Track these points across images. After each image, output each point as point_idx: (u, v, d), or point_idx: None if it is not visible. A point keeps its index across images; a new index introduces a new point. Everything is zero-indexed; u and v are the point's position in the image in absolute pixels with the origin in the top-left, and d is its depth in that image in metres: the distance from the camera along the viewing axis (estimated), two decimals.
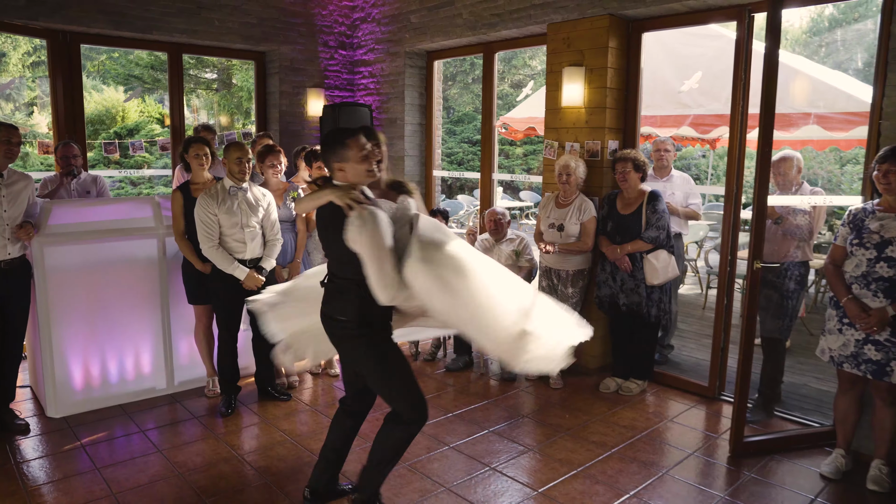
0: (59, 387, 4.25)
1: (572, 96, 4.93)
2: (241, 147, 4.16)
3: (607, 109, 4.84)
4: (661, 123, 6.56)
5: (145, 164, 13.98)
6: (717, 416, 4.39)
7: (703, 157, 13.62)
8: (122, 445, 3.89)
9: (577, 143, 5.00)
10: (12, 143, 3.80)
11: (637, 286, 4.56)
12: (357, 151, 2.80)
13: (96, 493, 3.34)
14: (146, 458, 3.71)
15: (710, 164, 13.29)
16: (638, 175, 4.54)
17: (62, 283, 4.20)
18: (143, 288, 4.52)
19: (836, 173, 13.13)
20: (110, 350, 4.44)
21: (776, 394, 4.37)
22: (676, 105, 6.35)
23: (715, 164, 13.50)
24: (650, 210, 4.50)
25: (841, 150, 11.47)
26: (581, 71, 4.88)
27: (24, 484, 3.42)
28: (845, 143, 7.62)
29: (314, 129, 6.93)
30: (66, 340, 4.26)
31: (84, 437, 3.99)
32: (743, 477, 3.57)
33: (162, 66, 16.01)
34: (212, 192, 4.12)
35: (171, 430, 4.11)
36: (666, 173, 5.18)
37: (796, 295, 4.11)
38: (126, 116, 16.06)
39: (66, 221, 4.25)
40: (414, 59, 6.61)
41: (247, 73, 16.31)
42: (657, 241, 4.47)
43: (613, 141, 4.91)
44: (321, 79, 7.01)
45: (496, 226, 5.01)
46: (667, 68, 6.30)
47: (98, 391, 4.42)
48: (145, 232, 4.49)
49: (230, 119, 16.80)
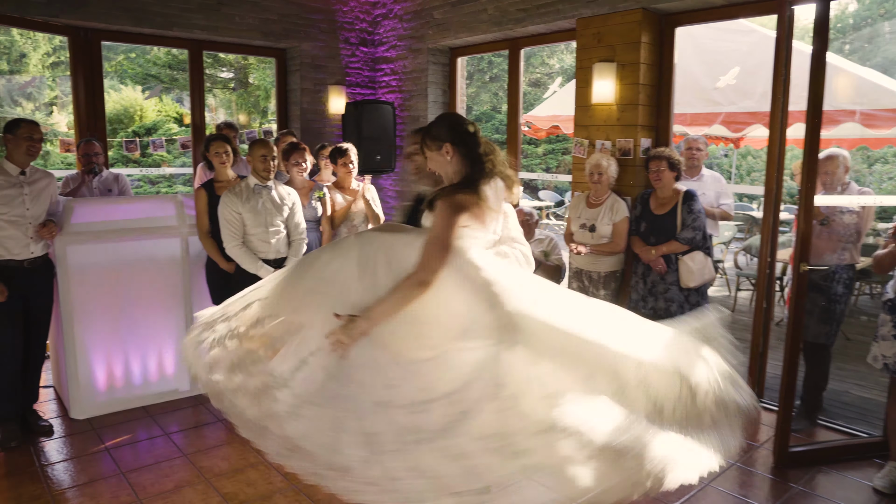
0: (83, 388, 4.18)
1: (603, 93, 4.80)
2: (266, 144, 4.06)
3: (639, 106, 4.70)
4: (692, 122, 6.41)
5: (164, 163, 13.97)
6: (756, 425, 4.24)
7: (725, 157, 13.43)
8: (147, 449, 3.81)
9: (608, 141, 4.87)
10: (34, 139, 3.72)
11: (668, 289, 4.42)
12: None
13: (122, 498, 3.25)
14: (171, 463, 3.63)
15: (734, 163, 13.08)
16: (672, 174, 4.41)
17: (85, 282, 4.12)
18: (165, 288, 4.43)
19: (864, 172, 12.90)
20: (133, 350, 4.37)
21: (819, 401, 4.22)
22: (707, 103, 6.19)
23: (738, 163, 13.33)
24: (686, 210, 4.36)
25: (870, 150, 11.24)
26: (612, 67, 4.75)
27: (50, 487, 3.35)
28: (875, 141, 7.44)
29: (336, 127, 6.83)
30: (89, 340, 4.19)
31: (108, 439, 3.91)
32: (791, 490, 3.43)
33: (179, 66, 16.02)
34: (236, 189, 4.03)
35: (195, 433, 4.03)
36: (696, 173, 5.04)
37: (844, 299, 3.96)
38: (144, 115, 16.09)
39: (88, 220, 4.17)
40: (437, 55, 6.50)
41: (263, 71, 16.29)
42: (693, 243, 4.33)
43: (646, 139, 4.77)
44: (342, 76, 6.91)
45: (524, 226, 4.88)
46: (696, 65, 6.15)
47: (121, 392, 4.34)
48: (168, 231, 4.41)
49: (248, 118, 16.78)
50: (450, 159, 2.31)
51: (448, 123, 2.37)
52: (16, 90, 15.41)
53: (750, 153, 14.47)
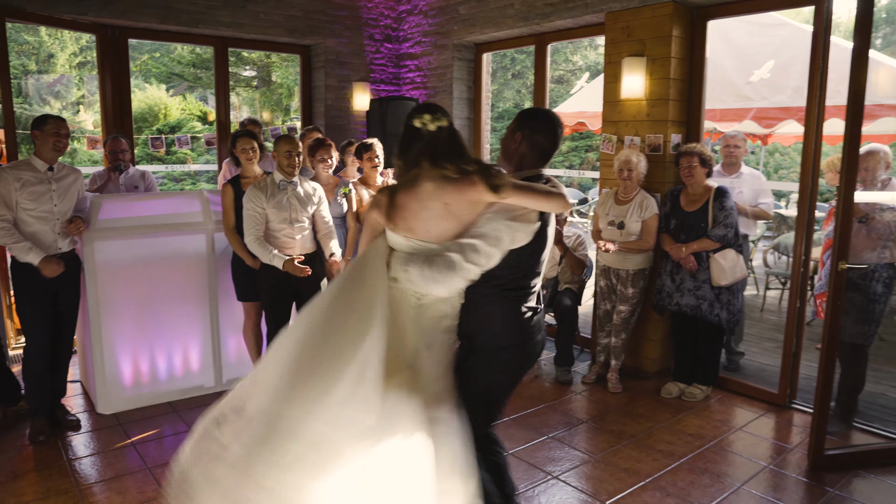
0: (110, 383, 4.19)
1: (633, 88, 4.71)
2: (292, 140, 4.04)
3: (670, 101, 4.61)
4: (722, 117, 6.28)
5: (188, 160, 14.08)
6: (788, 426, 4.15)
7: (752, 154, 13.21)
8: (172, 445, 3.80)
9: (637, 137, 4.78)
10: (61, 135, 3.73)
11: (698, 287, 4.33)
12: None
13: (148, 493, 3.25)
14: None
15: (762, 160, 12.86)
16: (704, 170, 4.32)
17: (111, 277, 4.13)
18: (191, 284, 4.43)
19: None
20: (159, 346, 4.37)
21: (854, 403, 4.11)
22: (738, 98, 6.07)
23: (766, 160, 13.09)
24: (717, 207, 4.27)
25: None
26: (642, 61, 4.66)
27: (77, 482, 3.35)
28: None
29: (360, 124, 6.81)
30: (115, 336, 4.20)
31: (134, 434, 3.92)
32: (827, 494, 3.33)
33: (203, 64, 16.13)
34: (261, 185, 4.01)
35: None
36: (735, 170, 4.93)
37: (883, 299, 3.84)
38: (168, 114, 16.23)
39: (115, 216, 4.18)
40: (462, 51, 6.44)
41: (286, 69, 16.35)
42: (725, 240, 4.24)
43: (676, 135, 4.68)
44: (367, 73, 6.89)
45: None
46: (727, 60, 6.03)
47: (147, 388, 4.35)
48: (194, 227, 4.41)
49: (271, 116, 16.85)
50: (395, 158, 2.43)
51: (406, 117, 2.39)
52: (44, 89, 15.62)
53: (778, 150, 14.23)
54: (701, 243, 4.27)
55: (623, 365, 4.83)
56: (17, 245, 3.62)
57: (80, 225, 3.84)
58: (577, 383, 4.81)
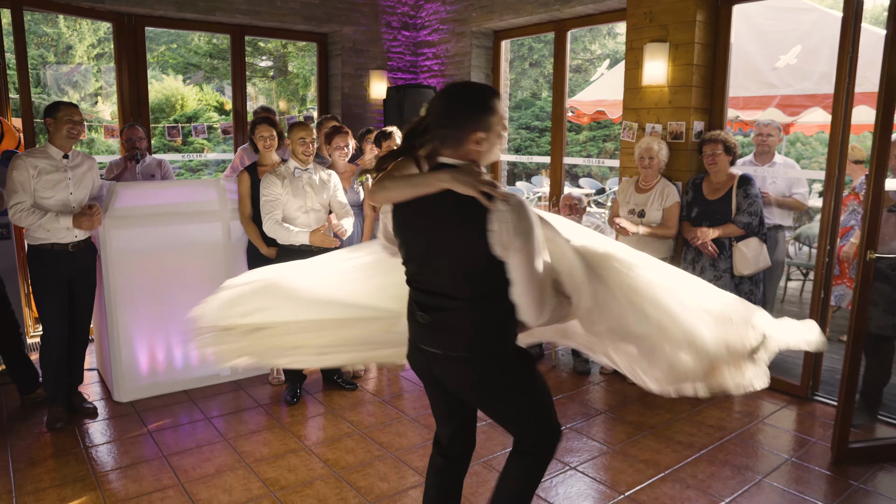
0: (126, 371, 4.20)
1: (654, 74, 4.62)
2: (306, 127, 4.00)
3: (693, 88, 4.52)
4: (745, 105, 6.16)
5: (205, 149, 14.11)
6: (811, 418, 4.07)
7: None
8: (188, 433, 3.80)
9: (658, 125, 4.69)
10: (74, 121, 3.70)
11: (719, 277, 4.25)
12: (500, 120, 2.04)
13: (164, 481, 3.24)
14: (212, 447, 3.61)
15: (783, 150, 12.65)
16: (728, 158, 4.23)
17: (128, 265, 4.13)
18: (207, 272, 4.41)
19: None
20: (175, 335, 4.36)
21: (879, 396, 4.02)
22: (762, 85, 5.94)
23: (787, 150, 12.87)
24: (741, 195, 4.18)
25: None
26: (665, 47, 4.57)
27: (94, 469, 3.35)
28: None
29: (377, 112, 6.76)
30: (132, 324, 4.20)
31: (150, 422, 3.92)
32: (850, 487, 3.26)
33: (220, 55, 16.16)
34: (277, 172, 3.98)
35: (236, 417, 4.01)
36: (769, 159, 4.81)
37: None
38: (185, 104, 16.28)
39: (131, 204, 4.17)
40: (480, 38, 6.36)
41: (303, 59, 16.33)
42: (750, 228, 4.15)
43: (699, 122, 4.59)
44: (384, 61, 6.83)
45: (571, 211, 4.75)
46: (752, 46, 5.90)
47: (163, 376, 4.35)
48: (210, 216, 4.39)
49: (287, 106, 16.86)
50: None
51: None
52: (62, 78, 15.74)
53: (799, 139, 13.98)
54: (726, 228, 4.18)
55: None
56: (45, 218, 3.60)
57: (98, 211, 3.81)
58: (594, 374, 4.75)
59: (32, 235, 3.67)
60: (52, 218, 3.61)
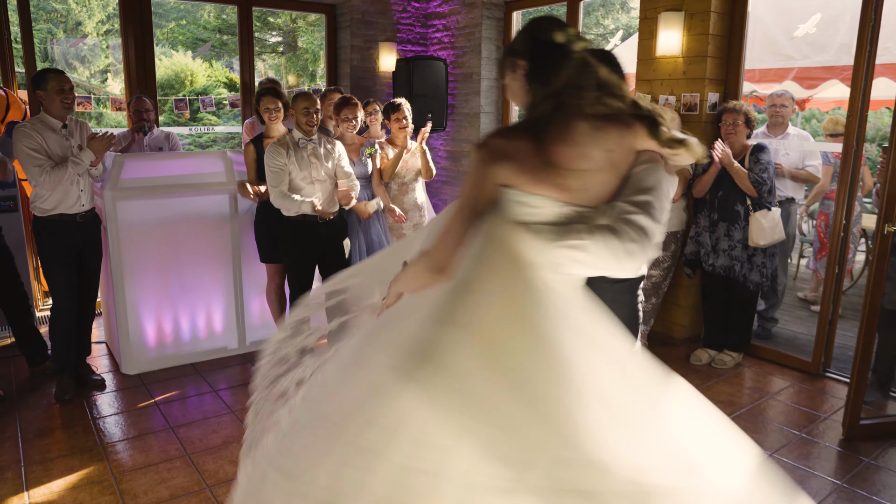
0: (133, 344, 4.20)
1: (669, 44, 4.52)
2: (309, 97, 3.94)
3: (708, 59, 4.41)
4: (761, 78, 6.03)
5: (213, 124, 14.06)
6: (822, 395, 4.02)
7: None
8: (195, 405, 3.81)
9: (672, 96, 4.60)
10: (65, 90, 3.64)
11: (733, 247, 4.19)
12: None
13: (171, 452, 3.25)
14: (219, 420, 3.62)
15: (799, 124, 12.47)
16: (747, 130, 4.18)
17: (135, 237, 4.11)
18: (214, 245, 4.40)
19: None
20: (182, 308, 4.36)
21: (893, 372, 3.96)
22: (778, 57, 5.80)
23: (802, 126, 12.68)
24: (753, 160, 4.12)
25: None
26: (680, 16, 4.46)
27: (101, 440, 3.36)
28: None
29: (386, 85, 6.68)
30: (139, 296, 4.19)
31: (157, 394, 3.92)
32: (861, 463, 3.22)
33: (229, 30, 16.04)
34: (282, 141, 3.93)
35: (242, 391, 4.00)
36: (782, 130, 4.73)
37: None
38: (195, 80, 16.21)
39: (138, 176, 4.14)
40: (491, 10, 6.25)
41: (312, 35, 16.19)
42: (758, 185, 4.05)
43: (714, 94, 4.49)
44: (393, 32, 6.73)
45: None
46: (769, 16, 5.75)
47: (170, 349, 4.35)
48: (217, 187, 4.36)
49: (297, 80, 16.76)
50: (519, 86, 1.69)
51: (529, 31, 1.69)
52: (69, 52, 15.69)
53: (815, 116, 13.76)
54: (740, 172, 4.06)
55: (652, 331, 4.73)
56: (70, 167, 3.60)
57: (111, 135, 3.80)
58: None
59: (41, 207, 3.64)
60: (75, 161, 3.61)
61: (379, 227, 4.45)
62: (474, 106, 6.36)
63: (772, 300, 4.86)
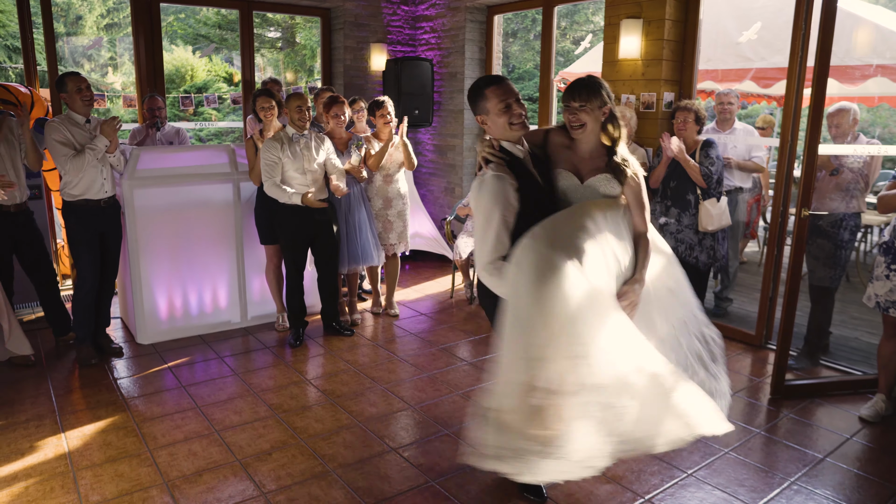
0: (148, 317, 4.70)
1: (629, 49, 5.00)
2: (301, 96, 4.43)
3: (664, 62, 4.90)
4: (723, 78, 6.51)
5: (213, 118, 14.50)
6: (762, 363, 4.51)
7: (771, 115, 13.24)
8: (203, 369, 4.30)
9: (632, 96, 5.08)
10: (83, 89, 4.11)
11: (680, 231, 4.66)
12: (495, 104, 2.59)
13: (183, 405, 3.75)
14: (224, 380, 4.11)
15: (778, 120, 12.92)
16: (697, 127, 4.64)
17: (149, 222, 4.60)
18: (219, 228, 4.89)
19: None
20: (191, 285, 4.86)
21: (823, 343, 4.46)
22: (738, 58, 6.29)
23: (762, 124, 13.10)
24: (703, 155, 4.59)
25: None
26: (638, 23, 4.94)
27: (122, 396, 3.86)
28: None
29: (377, 84, 7.16)
30: (153, 275, 4.68)
31: (170, 360, 4.42)
32: (781, 415, 3.72)
33: (228, 26, 16.47)
34: (277, 136, 4.43)
35: (245, 357, 4.51)
36: (729, 126, 5.22)
37: (849, 245, 4.16)
38: (195, 75, 16.64)
39: (152, 166, 4.63)
40: (474, 13, 6.72)
41: (310, 31, 16.61)
42: (708, 178, 4.53)
43: (669, 93, 4.97)
44: (384, 34, 7.21)
45: None
46: (728, 20, 6.23)
47: (180, 321, 4.85)
48: (222, 177, 4.85)
49: (295, 76, 17.19)
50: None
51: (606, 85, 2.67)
52: (78, 51, 16.10)
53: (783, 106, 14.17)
54: (691, 165, 4.53)
55: None
56: (87, 154, 4.04)
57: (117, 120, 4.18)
58: None
59: (70, 193, 4.13)
60: (91, 148, 4.07)
61: (364, 212, 4.94)
62: (458, 103, 6.85)
63: (724, 282, 5.35)
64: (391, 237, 5.12)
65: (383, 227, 5.09)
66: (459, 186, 6.98)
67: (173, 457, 3.18)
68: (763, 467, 3.19)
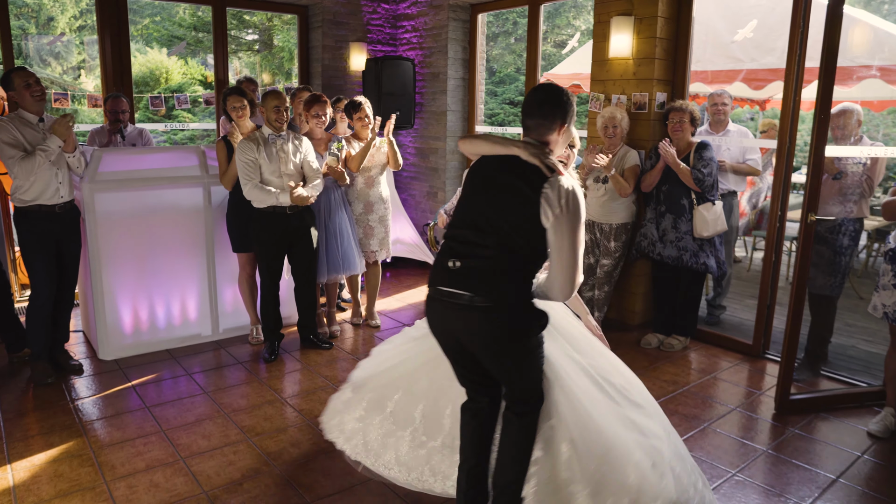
0: (110, 331, 4.38)
1: (620, 47, 4.80)
2: (279, 95, 4.16)
3: (656, 60, 4.70)
4: (713, 79, 6.34)
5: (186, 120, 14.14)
6: (761, 374, 4.32)
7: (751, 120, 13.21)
8: (170, 387, 4.00)
9: (623, 96, 4.88)
10: (31, 84, 3.79)
11: (680, 238, 4.47)
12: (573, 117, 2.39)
13: (146, 429, 3.45)
14: (193, 399, 3.82)
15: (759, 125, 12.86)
16: (692, 128, 4.47)
17: (112, 228, 4.29)
18: (188, 235, 4.59)
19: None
20: (158, 296, 4.55)
21: (823, 353, 4.28)
22: (728, 59, 6.12)
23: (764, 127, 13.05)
24: (697, 157, 4.41)
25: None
26: (630, 20, 4.74)
27: (80, 419, 3.55)
28: None
29: (356, 84, 6.90)
30: (116, 285, 4.37)
31: (134, 378, 4.11)
32: (787, 432, 3.52)
33: (204, 27, 16.09)
34: (252, 137, 4.16)
35: (216, 373, 4.21)
36: (722, 128, 5.03)
37: (850, 251, 3.98)
38: (170, 77, 16.24)
39: (115, 169, 4.33)
40: (457, 12, 6.49)
41: (288, 33, 16.30)
42: (700, 182, 4.34)
43: (661, 93, 4.77)
44: (364, 33, 6.95)
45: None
46: (718, 21, 6.07)
47: (146, 335, 4.54)
48: (191, 180, 4.55)
49: (272, 79, 16.86)
50: None
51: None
52: (44, 49, 15.64)
53: (777, 115, 14.18)
54: (684, 169, 4.34)
55: (607, 318, 5.00)
56: (38, 156, 3.70)
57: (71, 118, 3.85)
58: None
59: (21, 198, 3.81)
60: (43, 149, 3.71)
61: (345, 217, 4.68)
62: (441, 104, 6.61)
63: (717, 289, 5.16)
64: (372, 243, 4.86)
65: (364, 233, 4.82)
66: (442, 191, 6.73)
67: (132, 489, 2.89)
68: (774, 490, 2.98)
